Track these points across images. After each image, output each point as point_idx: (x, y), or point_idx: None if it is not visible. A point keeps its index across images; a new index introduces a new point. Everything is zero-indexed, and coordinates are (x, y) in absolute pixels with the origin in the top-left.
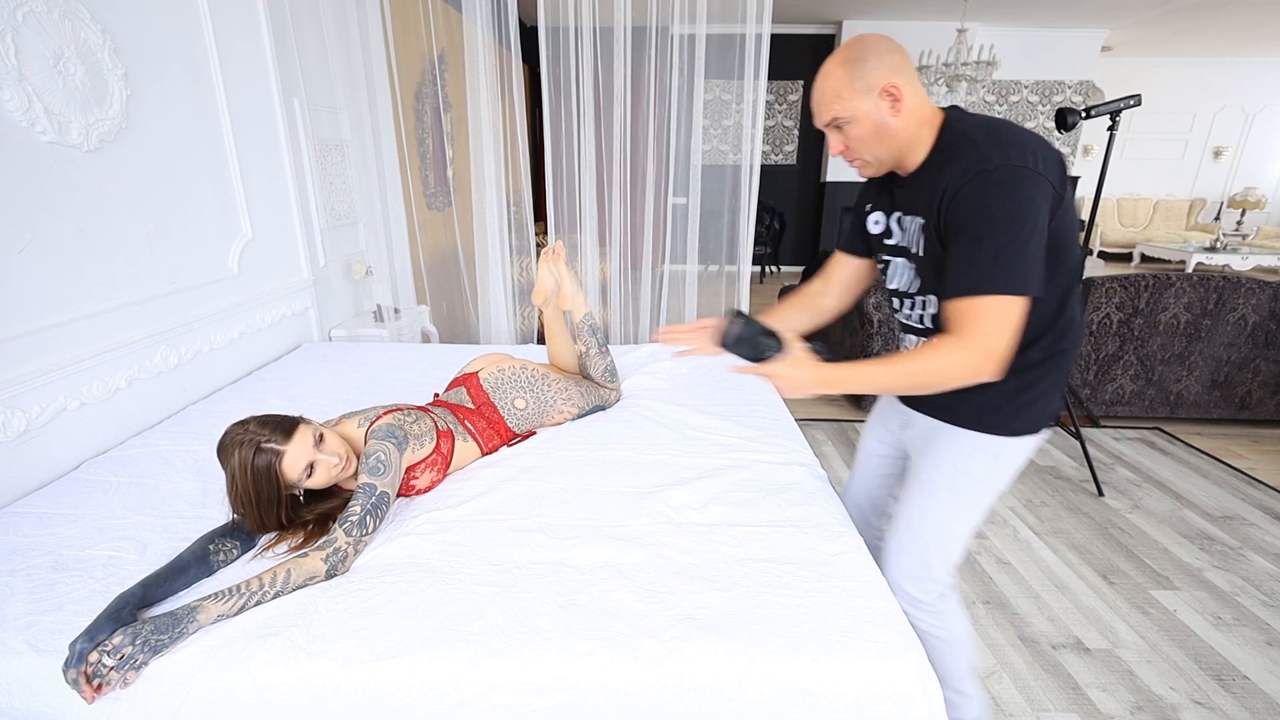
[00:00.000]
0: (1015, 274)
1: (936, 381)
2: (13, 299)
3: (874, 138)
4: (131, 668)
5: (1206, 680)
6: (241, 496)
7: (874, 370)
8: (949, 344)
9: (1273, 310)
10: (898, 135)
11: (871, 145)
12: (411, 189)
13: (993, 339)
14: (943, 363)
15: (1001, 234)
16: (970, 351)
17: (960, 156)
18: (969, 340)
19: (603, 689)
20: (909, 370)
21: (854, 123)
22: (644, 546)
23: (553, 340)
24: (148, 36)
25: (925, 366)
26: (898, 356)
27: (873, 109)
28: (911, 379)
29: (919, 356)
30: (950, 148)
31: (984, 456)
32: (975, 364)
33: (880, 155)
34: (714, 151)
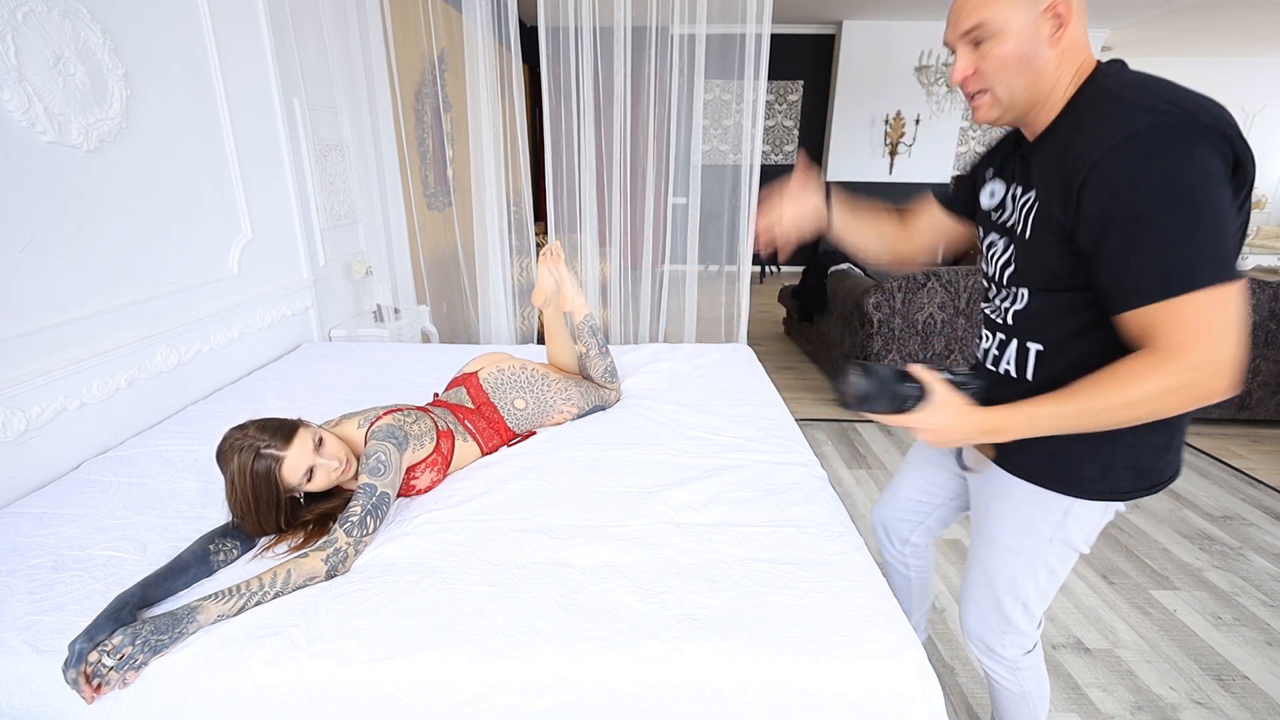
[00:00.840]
0: (1212, 258)
1: (1149, 414)
2: (13, 299)
3: (1018, 65)
4: (131, 668)
5: (1206, 680)
6: (241, 502)
7: (1056, 411)
8: (1153, 363)
9: (1273, 310)
10: (1044, 71)
11: (1012, 75)
12: (411, 189)
13: (1212, 348)
14: (1152, 389)
15: (1181, 209)
16: (1186, 370)
17: (1097, 118)
18: (1180, 357)
19: (603, 689)
20: (1107, 407)
21: (1001, 38)
22: (644, 546)
23: (553, 341)
24: (148, 36)
25: (1128, 398)
26: (1084, 389)
27: (1029, 27)
28: (1113, 416)
29: (1114, 386)
30: (1087, 106)
31: (1055, 515)
32: (1199, 384)
33: (1015, 93)
34: (714, 151)
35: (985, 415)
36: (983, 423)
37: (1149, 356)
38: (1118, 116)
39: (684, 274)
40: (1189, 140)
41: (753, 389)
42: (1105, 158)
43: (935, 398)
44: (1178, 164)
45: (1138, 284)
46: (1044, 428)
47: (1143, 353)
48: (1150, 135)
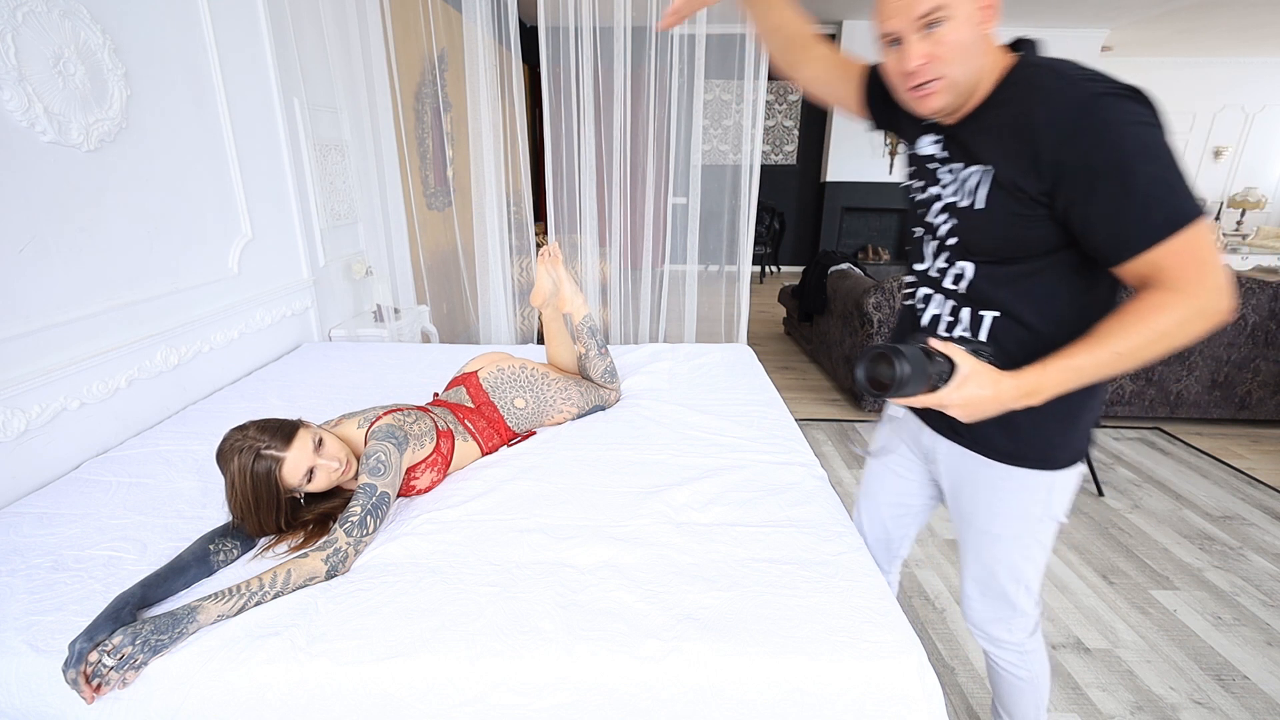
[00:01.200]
0: (1189, 195)
1: (1171, 347)
2: (13, 299)
3: (970, 48)
4: (131, 668)
5: (1206, 680)
6: (241, 503)
7: (1092, 358)
8: (1170, 300)
9: (1273, 310)
10: (984, 55)
11: (965, 58)
12: (411, 189)
13: (1215, 274)
14: (1175, 319)
15: (1152, 159)
16: (1201, 297)
17: (1046, 94)
18: (1194, 285)
19: (603, 689)
20: (1134, 347)
21: (955, 21)
22: (644, 546)
23: (552, 341)
24: (148, 36)
25: (1154, 334)
26: (1111, 333)
27: (973, 12)
28: (1140, 355)
29: (1141, 324)
30: (1025, 84)
31: (1038, 494)
32: (1211, 310)
33: (967, 75)
34: (714, 151)
35: (1020, 378)
36: (1019, 387)
37: (1165, 291)
38: (1068, 84)
39: (684, 274)
40: (1137, 101)
41: (753, 389)
42: (1077, 118)
43: (962, 371)
44: (1140, 119)
45: (1139, 228)
46: (1081, 379)
47: (1157, 289)
48: (1108, 98)
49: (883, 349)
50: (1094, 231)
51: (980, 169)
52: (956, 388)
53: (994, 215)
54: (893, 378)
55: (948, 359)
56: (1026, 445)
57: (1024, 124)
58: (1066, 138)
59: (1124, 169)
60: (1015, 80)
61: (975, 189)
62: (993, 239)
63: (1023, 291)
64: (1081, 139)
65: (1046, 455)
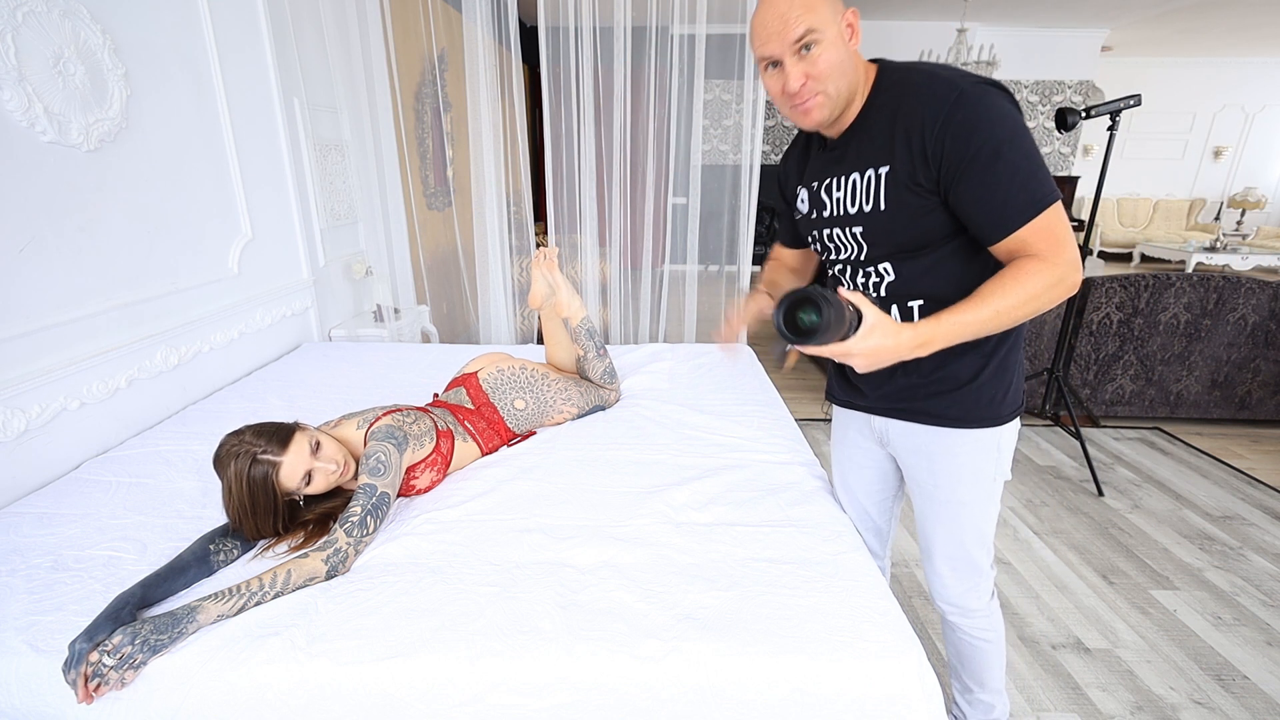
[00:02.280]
0: (1049, 180)
1: (1037, 309)
2: (13, 299)
3: (843, 64)
4: (130, 668)
5: (1206, 680)
6: (238, 507)
7: (975, 315)
8: (1039, 266)
9: (1273, 310)
10: (855, 71)
11: (840, 73)
12: (411, 189)
13: (1070, 249)
14: (1041, 283)
15: (1019, 146)
16: (1060, 267)
17: (921, 87)
18: (1056, 257)
19: (603, 689)
20: (1010, 305)
21: (826, 42)
22: (644, 546)
23: (551, 342)
24: (148, 36)
25: (1026, 295)
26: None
27: (839, 32)
28: (1014, 314)
29: (1015, 286)
30: (897, 84)
31: (992, 452)
32: (1068, 279)
33: (843, 89)
34: (714, 151)
35: (915, 330)
36: (915, 338)
37: (1033, 260)
38: (938, 84)
39: (684, 274)
40: (999, 95)
41: (753, 389)
42: (953, 110)
43: (869, 319)
44: (1005, 111)
45: (1015, 208)
46: (966, 333)
47: (1024, 259)
48: (974, 92)
49: (807, 293)
50: (973, 212)
51: (874, 171)
52: (863, 337)
53: (896, 212)
54: (814, 323)
55: (856, 309)
56: (974, 408)
57: (909, 121)
58: (946, 128)
59: (996, 155)
60: (886, 85)
61: (873, 192)
62: (901, 234)
63: (940, 276)
64: (959, 129)
65: (992, 413)
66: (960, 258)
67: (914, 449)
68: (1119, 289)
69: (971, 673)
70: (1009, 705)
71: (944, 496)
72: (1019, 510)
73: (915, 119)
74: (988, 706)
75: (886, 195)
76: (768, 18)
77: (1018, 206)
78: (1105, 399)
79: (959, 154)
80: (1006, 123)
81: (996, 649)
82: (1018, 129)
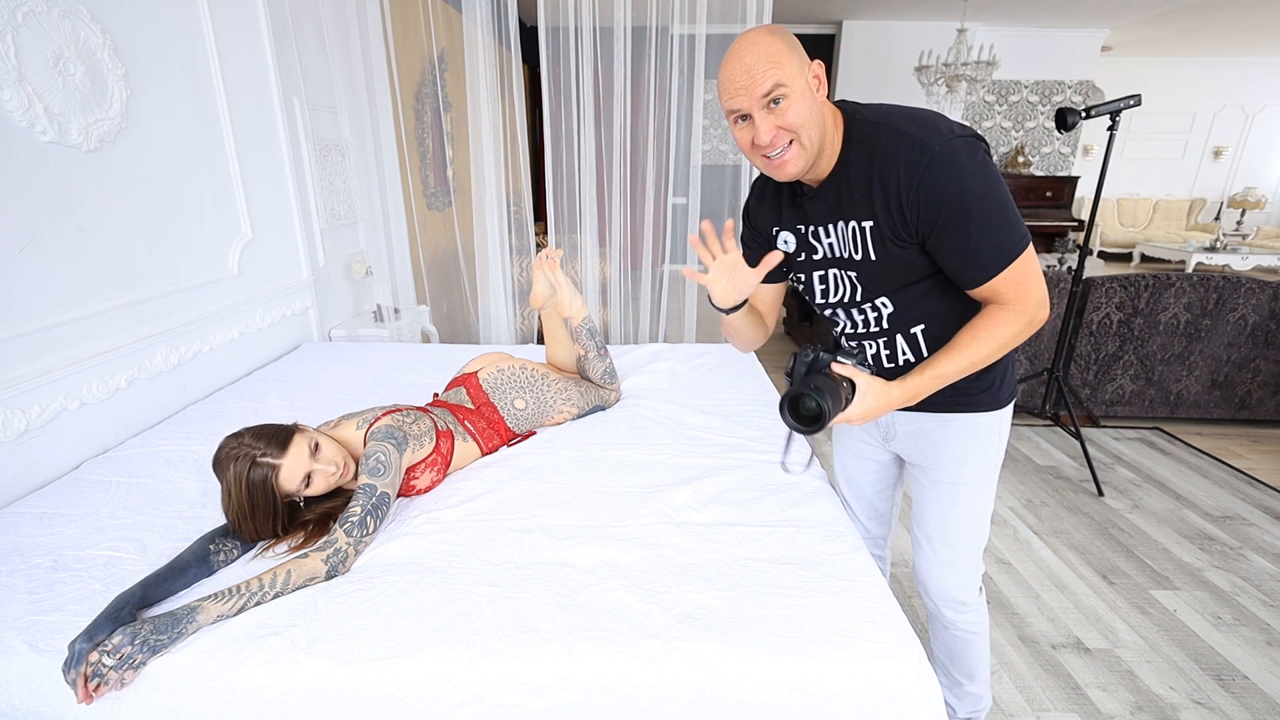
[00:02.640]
0: (1018, 230)
1: (1005, 350)
2: (13, 299)
3: (810, 115)
4: (130, 668)
5: (1206, 680)
6: (237, 510)
7: (953, 366)
8: (1008, 314)
9: (1273, 310)
10: (823, 121)
11: (810, 125)
12: (411, 189)
13: (1038, 292)
14: (1010, 332)
15: (987, 204)
16: (1028, 312)
17: (891, 150)
18: (1023, 304)
19: (602, 689)
20: (986, 354)
21: (794, 94)
22: (644, 546)
23: (551, 342)
24: (148, 36)
25: (1000, 341)
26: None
27: (806, 85)
28: (990, 358)
29: (988, 335)
30: (868, 140)
31: (991, 436)
32: (1036, 319)
33: (815, 140)
34: (714, 151)
35: (901, 387)
36: (903, 394)
37: (1004, 309)
38: (912, 144)
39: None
40: (967, 149)
41: (753, 389)
42: (921, 177)
43: (861, 387)
44: (972, 167)
45: (983, 262)
46: (947, 381)
47: (996, 307)
48: (944, 151)
49: (800, 393)
50: (948, 263)
51: (856, 225)
52: (858, 403)
53: (886, 260)
54: (820, 416)
55: (850, 381)
56: (974, 393)
57: (885, 180)
58: (919, 192)
59: (966, 214)
60: (859, 139)
61: (860, 241)
62: (894, 275)
63: (938, 298)
64: (930, 192)
65: (991, 398)
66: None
67: (918, 433)
68: (1119, 289)
69: (961, 667)
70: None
71: (946, 478)
72: (1019, 510)
73: (890, 180)
74: (976, 698)
75: (874, 246)
76: (735, 72)
77: (986, 260)
78: (1105, 399)
79: (932, 214)
80: (974, 180)
81: (982, 640)
82: (986, 183)
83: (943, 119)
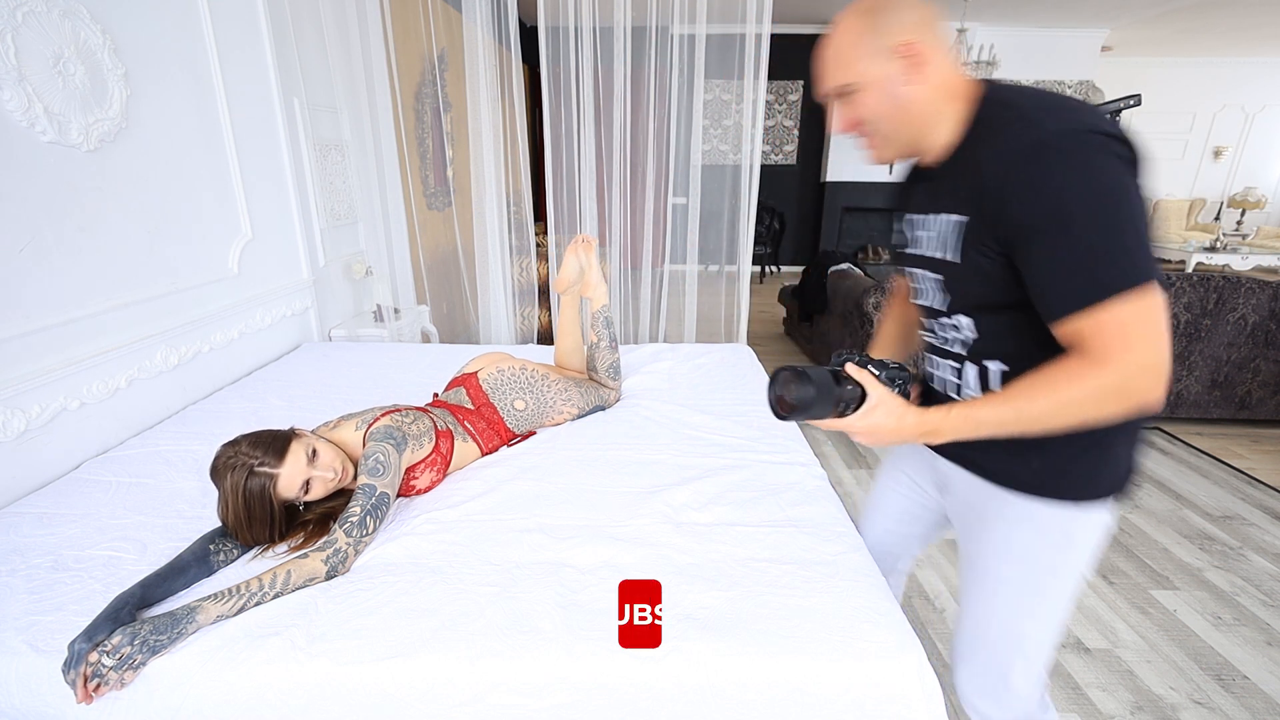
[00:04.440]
0: (1134, 264)
1: (1084, 419)
2: (13, 299)
3: (889, 110)
4: (130, 668)
5: (1206, 680)
6: (234, 519)
7: (992, 414)
8: (1085, 368)
9: (1273, 310)
10: (913, 107)
11: (886, 118)
12: (411, 189)
13: (1144, 354)
14: (1083, 392)
15: (1098, 218)
16: (1117, 372)
17: (999, 130)
18: (1113, 361)
19: (603, 689)
20: (1042, 411)
21: (863, 91)
22: (644, 546)
23: (562, 333)
24: (148, 36)
25: (1062, 401)
26: (1019, 392)
27: (884, 76)
28: (1045, 420)
29: (1047, 389)
30: (988, 121)
31: (1055, 535)
32: (1131, 389)
33: (897, 132)
34: (714, 151)
35: (923, 416)
36: (921, 425)
37: (1080, 360)
38: (1022, 127)
39: (684, 274)
40: (1095, 146)
41: (753, 389)
42: (1019, 165)
43: (871, 399)
44: (1093, 169)
45: (1070, 290)
46: (982, 430)
47: (1074, 355)
48: (1058, 142)
49: (792, 369)
50: (1029, 285)
51: (951, 219)
52: (863, 415)
53: (969, 268)
54: (798, 399)
55: (859, 385)
56: (1042, 473)
57: (976, 172)
58: (1010, 184)
59: (1064, 226)
60: (984, 117)
61: (950, 241)
62: (975, 290)
63: (1027, 338)
64: (1025, 188)
65: (1065, 484)
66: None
67: (969, 503)
68: None
69: None
70: None
71: (983, 566)
72: None
73: (989, 166)
74: None
75: (962, 249)
76: (818, 58)
77: (1074, 289)
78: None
79: (1022, 216)
80: (1091, 185)
81: None
82: (1107, 193)
83: (1087, 109)
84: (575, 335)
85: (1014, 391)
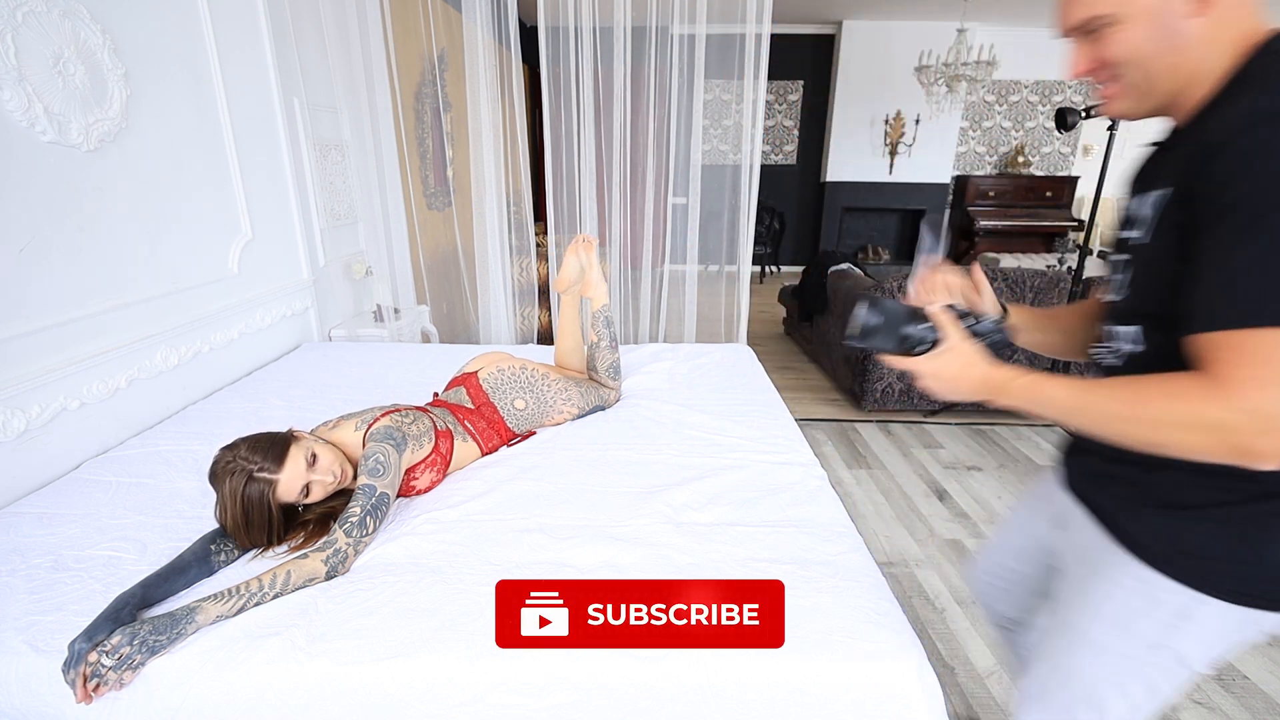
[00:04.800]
0: None
1: (1168, 444)
2: (13, 299)
3: (1152, 48)
4: (129, 668)
5: (1206, 680)
6: (233, 524)
7: (1063, 394)
8: (1196, 389)
9: None
10: (1187, 48)
11: (1145, 60)
12: (411, 189)
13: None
14: (1180, 415)
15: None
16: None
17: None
18: (1232, 394)
19: (603, 689)
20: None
21: (1125, 24)
22: (644, 546)
23: (562, 333)
24: (148, 36)
25: (1148, 415)
26: (1104, 386)
27: (1160, 8)
28: (1124, 427)
29: (1138, 395)
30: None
31: (1163, 612)
32: (1241, 433)
33: (1154, 78)
34: (714, 151)
35: (992, 371)
36: (989, 379)
37: (1196, 379)
38: (1256, 89)
39: (684, 274)
40: None
41: (753, 389)
42: (1248, 132)
43: (947, 343)
44: None
45: (1221, 301)
46: (1046, 409)
47: (1192, 373)
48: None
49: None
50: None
51: (1159, 193)
52: (932, 358)
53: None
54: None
55: (933, 327)
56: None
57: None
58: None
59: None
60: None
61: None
62: (1155, 286)
63: None
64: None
65: (1192, 567)
66: None
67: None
68: None
69: None
70: None
71: (1070, 618)
72: None
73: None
74: None
75: (1155, 225)
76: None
77: (1227, 301)
78: None
79: (1215, 192)
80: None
81: None
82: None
83: None
84: (575, 335)
85: (1100, 383)
